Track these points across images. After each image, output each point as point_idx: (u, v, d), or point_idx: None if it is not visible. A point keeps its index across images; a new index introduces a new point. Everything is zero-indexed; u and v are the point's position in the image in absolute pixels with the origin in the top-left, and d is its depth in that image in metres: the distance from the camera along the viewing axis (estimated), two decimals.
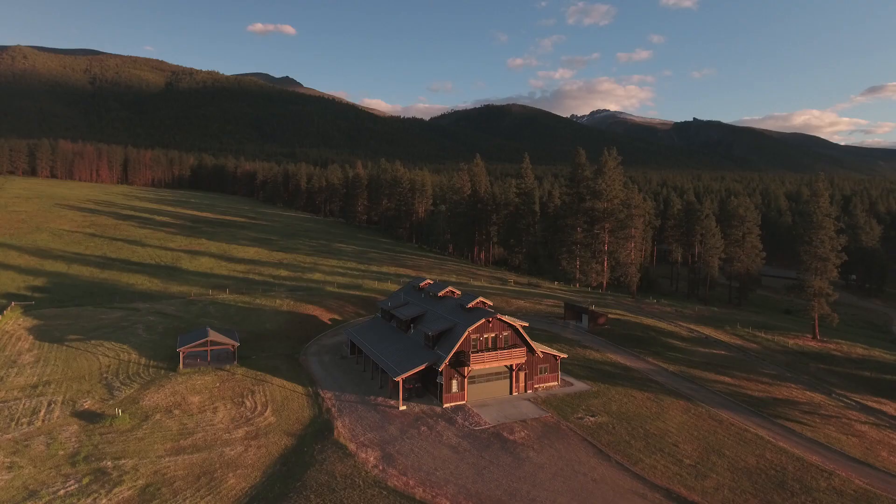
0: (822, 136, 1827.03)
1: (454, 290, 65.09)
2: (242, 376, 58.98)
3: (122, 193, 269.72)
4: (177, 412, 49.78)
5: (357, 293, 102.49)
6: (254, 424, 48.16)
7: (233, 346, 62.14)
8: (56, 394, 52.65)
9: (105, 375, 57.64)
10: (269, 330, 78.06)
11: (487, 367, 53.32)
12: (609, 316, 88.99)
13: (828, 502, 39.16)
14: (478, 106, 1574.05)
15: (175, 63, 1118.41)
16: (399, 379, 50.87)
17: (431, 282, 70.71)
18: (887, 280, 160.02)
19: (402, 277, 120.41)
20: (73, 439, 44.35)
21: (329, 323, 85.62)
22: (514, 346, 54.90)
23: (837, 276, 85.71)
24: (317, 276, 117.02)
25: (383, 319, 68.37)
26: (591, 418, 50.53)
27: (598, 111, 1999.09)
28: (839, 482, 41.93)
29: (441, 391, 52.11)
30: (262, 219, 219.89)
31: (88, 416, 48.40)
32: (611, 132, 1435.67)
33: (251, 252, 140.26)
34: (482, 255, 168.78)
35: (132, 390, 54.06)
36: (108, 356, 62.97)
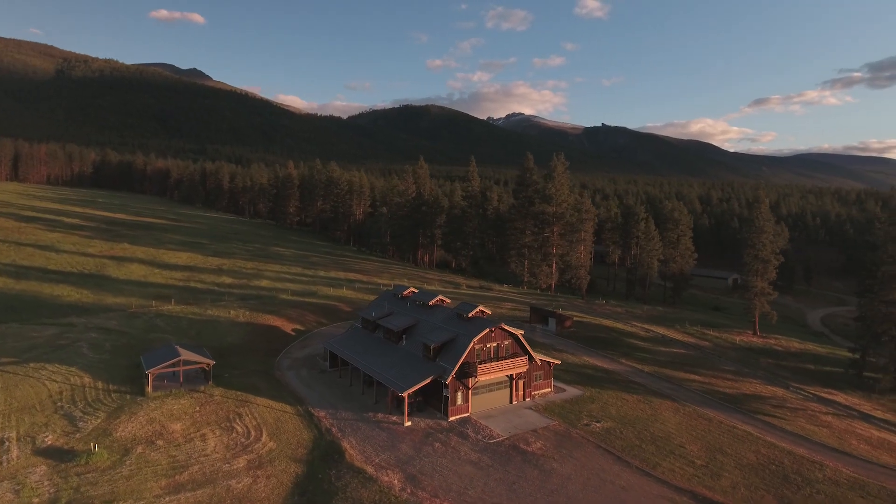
0: (715, 143, 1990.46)
1: (444, 298, 63.66)
2: (222, 398, 54.25)
3: (16, 192, 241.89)
4: (160, 443, 44.75)
5: (314, 301, 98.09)
6: (253, 452, 44.27)
7: (207, 364, 57.03)
8: (6, 429, 45.63)
9: (60, 404, 50.79)
10: (233, 344, 72.62)
11: (492, 377, 52.52)
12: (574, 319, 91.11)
13: (829, 492, 41.95)
14: (397, 106, 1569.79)
15: (67, 49, 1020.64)
16: (406, 394, 48.83)
17: (416, 290, 68.77)
18: (795, 278, 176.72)
19: (355, 283, 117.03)
20: (45, 483, 38.53)
21: (293, 333, 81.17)
22: (515, 354, 54.52)
23: (775, 277, 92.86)
24: (264, 282, 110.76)
25: (365, 330, 65.56)
26: (598, 424, 51.16)
27: (514, 114, 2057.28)
28: (831, 472, 45.11)
29: (447, 404, 50.65)
30: (185, 220, 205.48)
31: (55, 454, 42.32)
32: (526, 135, 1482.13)
33: (184, 257, 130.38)
34: (426, 258, 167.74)
35: (99, 420, 48.00)
36: (55, 381, 55.60)
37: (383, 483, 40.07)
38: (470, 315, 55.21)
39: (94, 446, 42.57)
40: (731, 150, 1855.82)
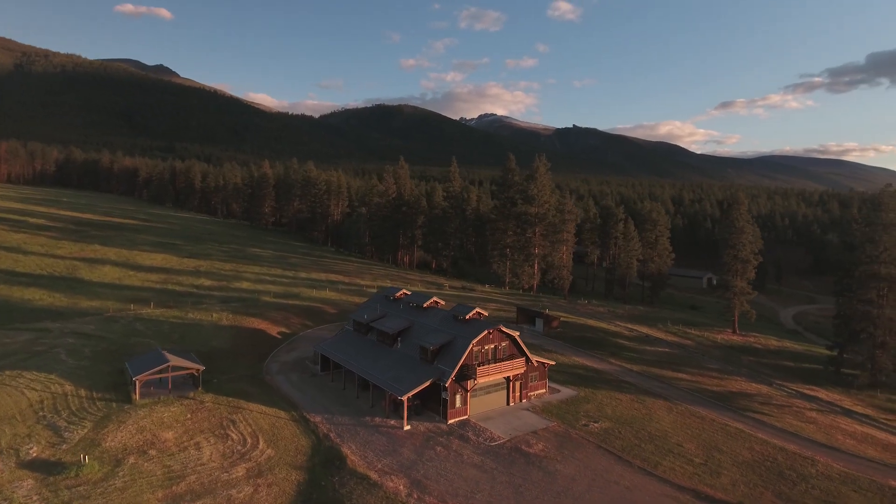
0: (683, 145, 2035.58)
1: (438, 300, 63.20)
2: (213, 404, 52.74)
3: None
4: (153, 452, 43.20)
5: (297, 303, 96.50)
6: (251, 460, 43.10)
7: (197, 370, 55.36)
8: None
9: (42, 414, 48.62)
10: (218, 348, 70.80)
11: (490, 379, 52.33)
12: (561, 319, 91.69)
13: (824, 487, 43.01)
14: (369, 105, 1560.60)
15: (26, 43, 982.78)
16: (405, 398, 48.24)
17: (408, 292, 68.12)
18: (767, 277, 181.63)
19: (337, 284, 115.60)
20: (34, 498, 36.76)
21: (279, 337, 79.64)
22: (512, 356, 54.45)
23: (754, 276, 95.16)
24: (244, 284, 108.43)
25: (356, 332, 64.63)
26: (596, 424, 51.46)
27: (486, 115, 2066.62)
28: (823, 468, 46.28)
29: (445, 407, 50.26)
30: (156, 221, 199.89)
31: (43, 467, 40.45)
32: (498, 136, 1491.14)
33: (159, 259, 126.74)
34: (406, 259, 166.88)
35: (85, 430, 46.09)
36: (35, 389, 53.24)
37: (388, 489, 39.45)
38: (467, 317, 54.94)
39: (84, 458, 40.85)
40: (698, 152, 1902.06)
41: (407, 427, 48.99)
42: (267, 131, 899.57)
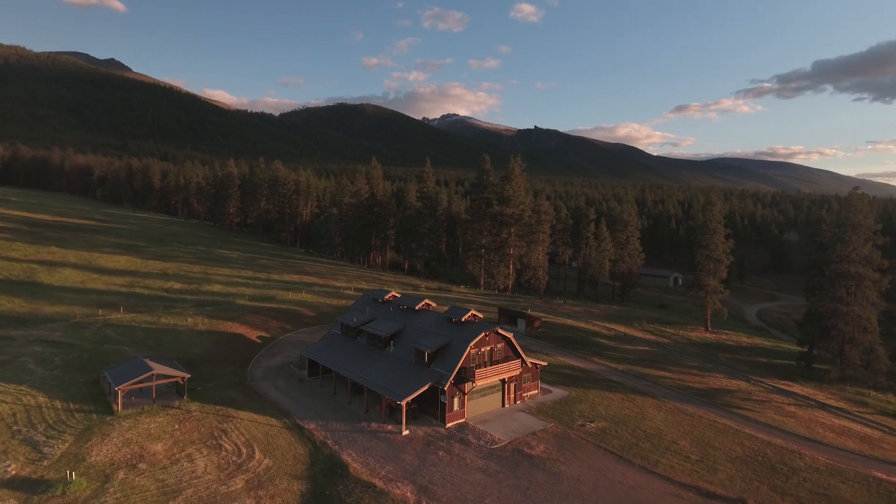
0: (640, 147, 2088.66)
1: (430, 302, 62.57)
2: (201, 413, 50.71)
3: None
4: (143, 466, 41.14)
5: (274, 306, 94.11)
6: (249, 470, 41.56)
7: (182, 378, 53.15)
8: None
9: (16, 428, 45.68)
10: (198, 354, 68.27)
11: (488, 381, 52.10)
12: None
13: (814, 480, 44.52)
14: (331, 104, 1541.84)
15: None
16: (404, 402, 47.49)
17: (398, 295, 67.19)
18: (730, 276, 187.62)
19: (312, 286, 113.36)
20: None
21: (258, 341, 77.44)
22: (508, 358, 54.39)
23: (726, 275, 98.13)
24: (216, 287, 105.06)
25: (345, 336, 63.36)
26: (592, 424, 51.87)
27: (449, 115, 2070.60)
28: (810, 461, 47.93)
29: (444, 411, 49.74)
30: (115, 221, 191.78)
31: (25, 485, 37.95)
32: (461, 136, 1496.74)
33: (122, 262, 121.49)
34: (378, 260, 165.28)
35: (67, 444, 43.52)
36: (5, 402, 50.00)
37: (396, 496, 38.68)
38: (463, 319, 54.54)
39: (71, 474, 38.51)
40: (655, 154, 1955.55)
41: (406, 432, 48.24)
42: (225, 129, 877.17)
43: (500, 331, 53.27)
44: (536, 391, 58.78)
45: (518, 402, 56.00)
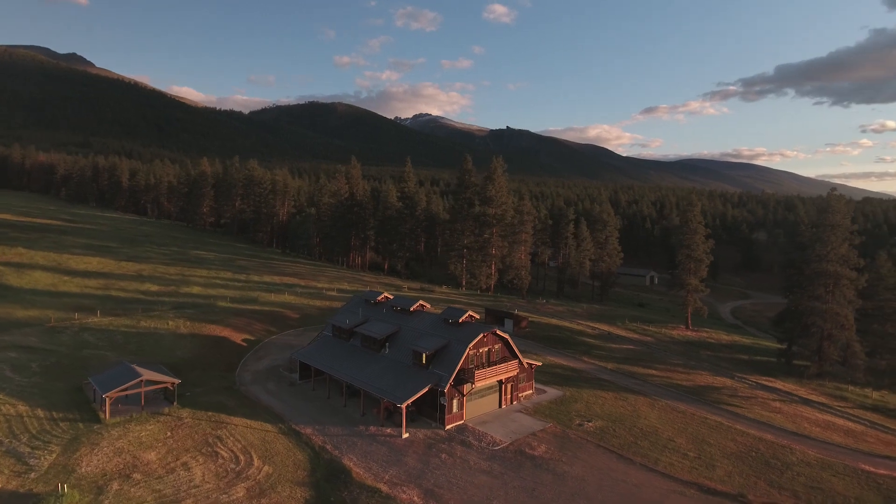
0: (610, 148, 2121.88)
1: (424, 303, 62.07)
2: (192, 420, 49.23)
3: None
4: (138, 476, 39.67)
5: (256, 308, 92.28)
6: (249, 478, 40.47)
7: (171, 383, 51.49)
8: None
9: None
10: (183, 359, 66.39)
11: (486, 383, 51.93)
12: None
13: (807, 474, 45.65)
14: (302, 102, 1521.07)
15: None
16: (404, 405, 46.95)
17: (390, 296, 66.47)
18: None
19: (294, 288, 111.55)
20: None
21: (244, 344, 75.79)
22: (505, 358, 54.35)
23: (706, 274, 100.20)
24: (195, 289, 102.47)
25: (337, 338, 62.40)
26: (590, 424, 52.20)
27: (421, 115, 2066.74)
28: (801, 455, 49.16)
29: (443, 413, 49.38)
30: (82, 221, 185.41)
31: (13, 500, 36.16)
32: (433, 136, 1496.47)
33: (94, 263, 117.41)
34: (357, 261, 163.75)
35: (54, 455, 41.70)
36: None
37: (403, 501, 38.17)
38: (460, 320, 54.24)
39: (63, 486, 36.87)
40: (624, 155, 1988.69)
41: (406, 435, 47.72)
42: (193, 127, 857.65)
43: (498, 332, 53.17)
44: (531, 391, 58.91)
45: (515, 402, 56.01)
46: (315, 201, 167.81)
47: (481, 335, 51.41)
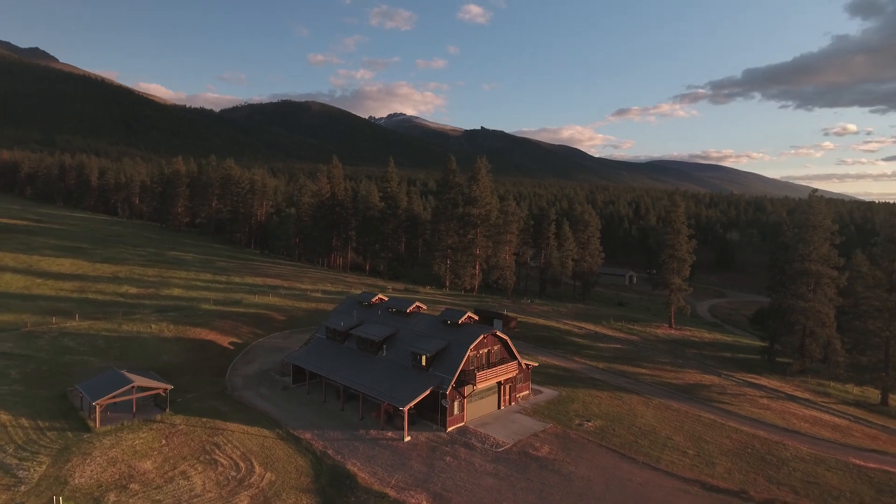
0: (583, 149, 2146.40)
1: (420, 304, 61.55)
2: (187, 427, 47.80)
3: None
4: (135, 487, 38.27)
5: (242, 310, 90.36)
6: (252, 486, 39.42)
7: (164, 389, 49.92)
8: None
9: None
10: (170, 363, 64.52)
11: (487, 384, 51.72)
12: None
13: (802, 469, 46.66)
14: (275, 100, 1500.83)
15: None
16: (406, 408, 46.41)
17: (385, 298, 65.73)
18: None
19: (277, 289, 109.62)
20: None
21: (231, 348, 74.11)
22: (504, 360, 54.23)
23: (689, 274, 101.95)
24: (176, 291, 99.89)
25: (331, 341, 61.42)
26: (589, 423, 52.44)
27: (396, 114, 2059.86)
28: (794, 451, 50.24)
29: (444, 415, 48.99)
30: (51, 221, 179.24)
31: None
32: (408, 135, 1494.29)
33: (67, 265, 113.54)
34: (339, 261, 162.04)
35: (44, 467, 39.96)
36: None
37: None
38: (460, 322, 53.92)
39: (58, 500, 35.32)
40: (597, 156, 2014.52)
41: (408, 438, 47.17)
42: (162, 125, 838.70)
43: (498, 333, 53.04)
44: (528, 392, 58.94)
45: (513, 403, 55.96)
46: (295, 201, 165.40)
47: (482, 336, 51.18)
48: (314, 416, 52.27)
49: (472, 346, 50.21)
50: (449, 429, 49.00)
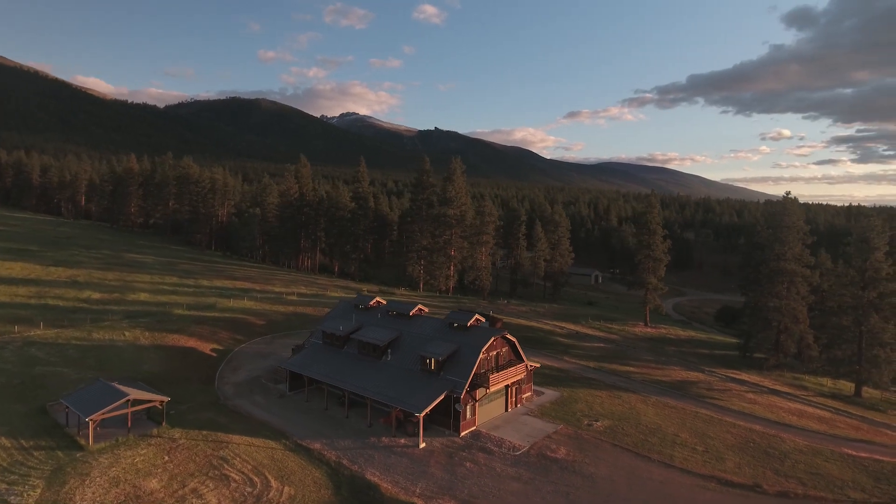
0: (535, 151, 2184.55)
1: (422, 307, 60.37)
2: (188, 441, 45.07)
3: None
4: None
5: (217, 315, 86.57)
6: (272, 502, 37.41)
7: (160, 402, 46.88)
8: None
9: None
10: (152, 373, 60.87)
11: (499, 387, 51.21)
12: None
13: (804, 461, 48.37)
14: (223, 97, 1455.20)
15: None
16: (421, 415, 45.31)
17: (383, 301, 64.15)
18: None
19: (250, 293, 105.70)
20: None
21: (213, 354, 70.78)
22: (512, 362, 53.90)
23: (664, 273, 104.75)
24: (142, 296, 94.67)
25: (328, 346, 59.43)
26: (598, 423, 52.74)
27: (348, 114, 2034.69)
28: (791, 444, 52.07)
29: (457, 420, 48.14)
30: None
31: None
32: (361, 135, 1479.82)
33: (18, 269, 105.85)
34: (307, 263, 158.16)
35: (38, 490, 36.68)
36: None
37: None
38: (468, 324, 53.18)
39: None
40: (548, 157, 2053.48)
41: (422, 445, 46.07)
42: (102, 121, 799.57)
43: (507, 335, 52.62)
44: (531, 393, 58.84)
45: (518, 405, 55.68)
46: (259, 201, 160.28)
47: (493, 339, 50.65)
48: (318, 425, 50.36)
49: (484, 349, 49.58)
50: (462, 433, 48.20)
